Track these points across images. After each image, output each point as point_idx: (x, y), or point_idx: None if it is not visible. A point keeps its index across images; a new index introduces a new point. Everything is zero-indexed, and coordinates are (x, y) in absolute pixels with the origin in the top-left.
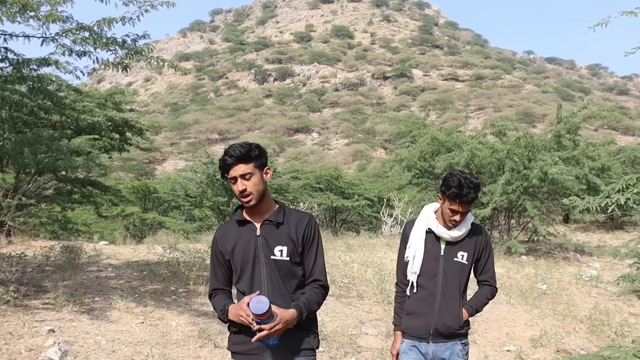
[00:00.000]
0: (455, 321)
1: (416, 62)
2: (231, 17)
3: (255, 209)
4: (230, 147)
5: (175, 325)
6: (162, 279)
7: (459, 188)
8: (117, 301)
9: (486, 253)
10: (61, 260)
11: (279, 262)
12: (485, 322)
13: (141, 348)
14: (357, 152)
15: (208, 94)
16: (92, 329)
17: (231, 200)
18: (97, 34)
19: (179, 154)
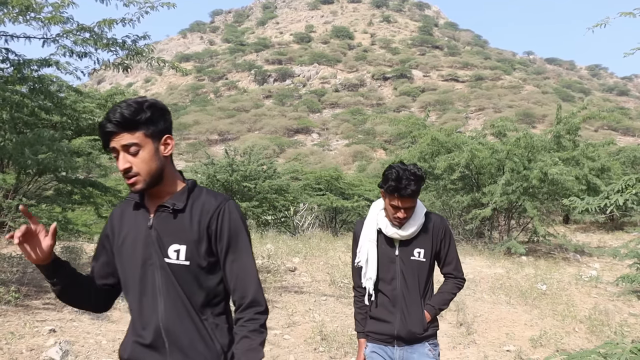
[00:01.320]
0: (418, 326)
1: (416, 63)
2: (231, 18)
3: (153, 192)
4: (113, 108)
5: None
6: None
7: (396, 181)
8: (118, 301)
9: (445, 243)
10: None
11: (175, 267)
12: (485, 322)
13: None
14: (357, 153)
15: (208, 95)
16: (93, 329)
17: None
18: (98, 35)
19: (179, 155)
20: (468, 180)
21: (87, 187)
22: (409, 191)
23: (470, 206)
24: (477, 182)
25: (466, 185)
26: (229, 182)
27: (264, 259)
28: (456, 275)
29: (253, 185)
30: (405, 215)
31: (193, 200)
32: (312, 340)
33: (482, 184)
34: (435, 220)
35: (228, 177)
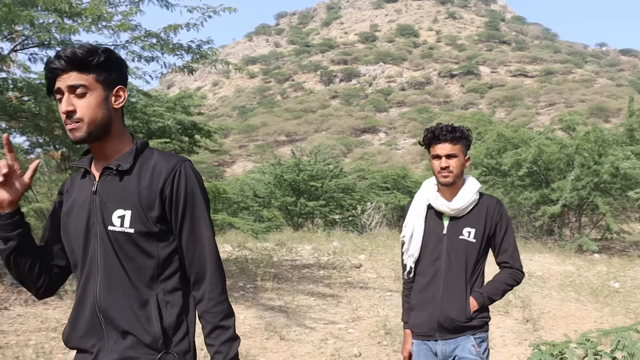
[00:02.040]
0: (460, 313)
1: (483, 59)
2: (296, 20)
3: (99, 151)
4: (65, 47)
5: (242, 319)
6: (230, 276)
7: (432, 132)
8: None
9: (501, 228)
10: None
11: (118, 235)
12: (553, 319)
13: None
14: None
15: (275, 97)
16: None
17: (299, 200)
18: (164, 40)
19: (248, 156)
20: (536, 176)
21: None
22: (447, 137)
23: (539, 203)
24: (545, 178)
25: (534, 182)
26: (296, 181)
27: (330, 255)
28: (512, 264)
29: (320, 185)
30: (448, 164)
31: (142, 161)
32: (375, 334)
33: (551, 179)
34: (491, 202)
35: (295, 177)
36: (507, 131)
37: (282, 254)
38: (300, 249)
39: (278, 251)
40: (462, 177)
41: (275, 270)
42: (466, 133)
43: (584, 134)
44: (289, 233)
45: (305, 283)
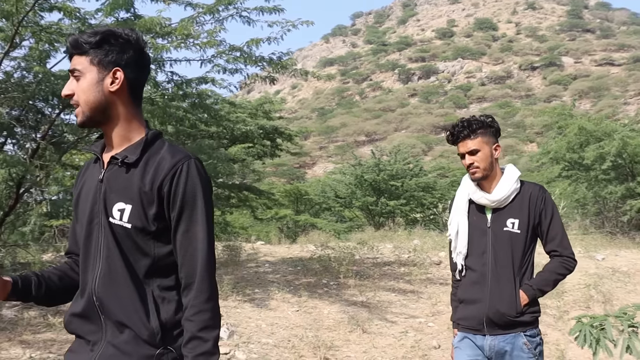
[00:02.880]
0: (510, 307)
1: (566, 49)
2: (372, 19)
3: (106, 137)
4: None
5: (327, 313)
6: (314, 273)
7: (450, 131)
8: (275, 292)
9: (546, 215)
10: (223, 257)
11: (117, 228)
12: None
13: (297, 331)
14: (507, 147)
15: (353, 97)
16: (254, 315)
17: (379, 200)
18: (247, 53)
19: (328, 157)
20: (621, 169)
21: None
22: (462, 132)
23: (625, 197)
24: (631, 171)
25: (619, 175)
26: (376, 181)
27: (410, 253)
28: (561, 252)
29: (400, 184)
30: (473, 161)
31: (150, 154)
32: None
33: (638, 172)
34: (533, 189)
35: (375, 177)
36: (588, 124)
37: (364, 252)
38: (382, 247)
39: (360, 250)
40: (495, 167)
41: (358, 267)
42: (487, 122)
43: None
44: (370, 232)
45: (387, 280)
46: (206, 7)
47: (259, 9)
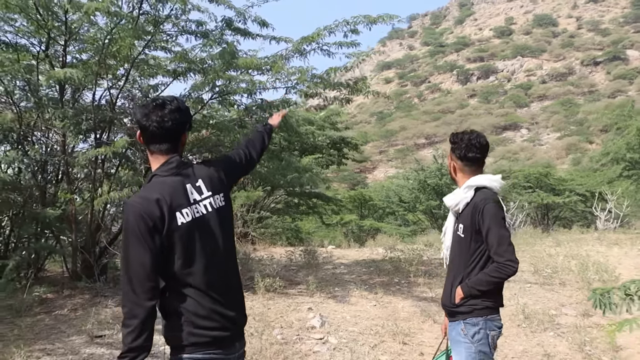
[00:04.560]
0: (447, 299)
1: (630, 42)
2: (428, 21)
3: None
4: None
5: (401, 307)
6: (386, 273)
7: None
8: (353, 290)
9: (484, 225)
10: (302, 261)
11: None
12: None
13: (377, 321)
14: (570, 146)
15: (412, 100)
16: (339, 308)
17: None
18: (326, 80)
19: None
20: None
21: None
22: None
23: None
24: None
25: None
26: (439, 185)
27: None
28: (497, 259)
29: None
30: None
31: None
32: (515, 317)
33: None
34: (479, 200)
35: (438, 181)
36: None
37: (430, 253)
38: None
39: (427, 251)
40: (457, 177)
41: (426, 267)
42: (451, 139)
43: None
44: (435, 235)
45: None
46: (294, 46)
47: (338, 44)
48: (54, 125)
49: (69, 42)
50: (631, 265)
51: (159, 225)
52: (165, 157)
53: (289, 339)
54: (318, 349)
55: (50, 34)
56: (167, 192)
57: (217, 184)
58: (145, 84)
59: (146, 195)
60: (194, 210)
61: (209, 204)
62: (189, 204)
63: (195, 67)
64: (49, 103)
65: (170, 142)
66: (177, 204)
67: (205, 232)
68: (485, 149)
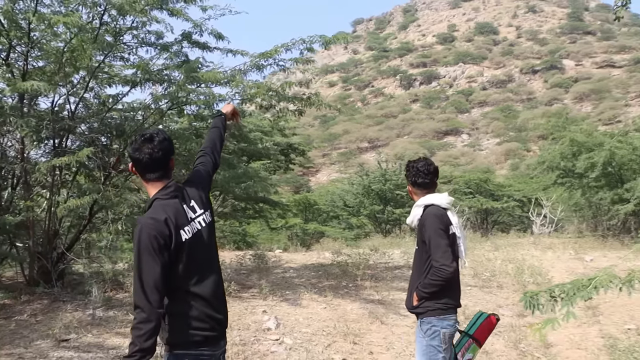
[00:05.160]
0: (409, 302)
1: (567, 52)
2: (372, 26)
3: None
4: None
5: (350, 309)
6: (335, 277)
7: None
8: (304, 293)
9: (425, 235)
10: (251, 265)
11: None
12: (612, 307)
13: (328, 323)
14: (509, 151)
15: (355, 104)
16: (291, 311)
17: (386, 208)
18: (281, 93)
19: (331, 165)
20: (611, 177)
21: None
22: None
23: (614, 202)
24: (620, 178)
25: (610, 182)
26: (382, 191)
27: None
28: (433, 264)
29: (405, 193)
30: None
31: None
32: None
33: (626, 179)
34: (422, 215)
35: (382, 187)
36: (580, 136)
37: (376, 257)
38: (391, 253)
39: (373, 255)
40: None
41: (372, 271)
42: (406, 167)
43: None
44: (379, 239)
45: (398, 281)
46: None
47: (294, 60)
48: (9, 132)
49: (31, 51)
50: (563, 268)
51: (168, 242)
52: (161, 182)
53: (247, 340)
54: (275, 349)
55: (12, 43)
56: (172, 212)
57: (205, 202)
58: (104, 93)
59: (155, 217)
60: (192, 227)
61: (202, 220)
62: (189, 222)
63: (154, 78)
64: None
65: (162, 170)
66: (180, 222)
67: (201, 245)
68: (434, 174)
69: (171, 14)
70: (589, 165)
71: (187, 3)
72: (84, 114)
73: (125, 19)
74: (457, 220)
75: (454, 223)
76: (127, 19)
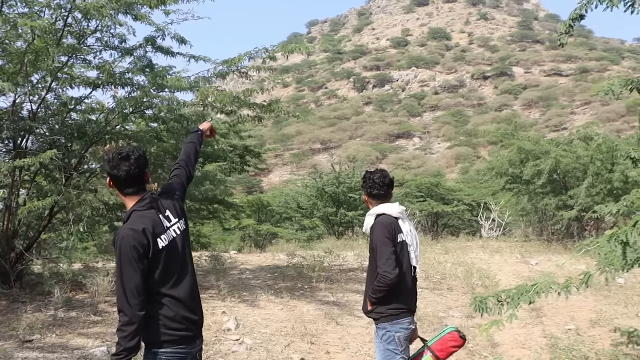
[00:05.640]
0: (364, 306)
1: (517, 60)
2: (327, 28)
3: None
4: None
5: (306, 310)
6: (290, 279)
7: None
8: (261, 295)
9: (373, 243)
10: (208, 266)
11: None
12: (555, 309)
13: (286, 324)
14: (459, 156)
15: (309, 105)
16: (250, 312)
17: (339, 211)
18: (243, 100)
19: (284, 165)
20: (556, 183)
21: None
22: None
23: (559, 208)
24: (565, 185)
25: (555, 188)
26: (336, 193)
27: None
28: (378, 271)
29: (358, 196)
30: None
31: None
32: None
33: (571, 186)
34: (375, 223)
35: (335, 190)
36: (527, 144)
37: (331, 259)
38: (345, 255)
39: (327, 258)
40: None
41: (327, 273)
42: (363, 178)
43: (597, 145)
44: (332, 241)
45: (352, 283)
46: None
47: (256, 68)
48: None
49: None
50: (509, 272)
51: (147, 250)
52: (138, 196)
53: (208, 341)
54: (236, 349)
55: None
56: (149, 223)
57: (179, 212)
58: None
59: (134, 228)
60: (169, 235)
61: (177, 228)
62: (165, 231)
63: (118, 81)
64: None
65: (138, 184)
66: (157, 232)
67: (176, 252)
68: (390, 186)
69: (136, 18)
70: (535, 173)
71: (152, 8)
72: (44, 114)
73: (90, 22)
74: (409, 229)
75: (405, 231)
76: (91, 22)
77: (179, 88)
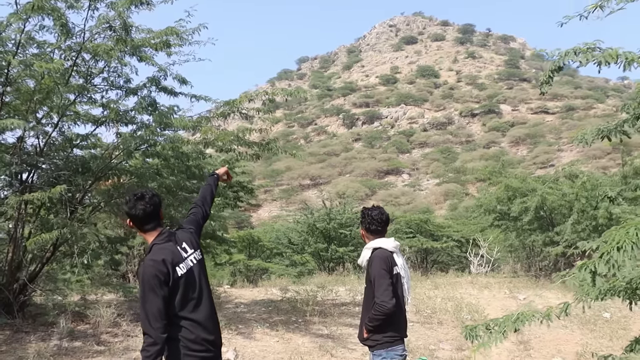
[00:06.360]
0: (360, 335)
1: (504, 97)
2: (317, 64)
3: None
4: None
5: (301, 343)
6: (284, 312)
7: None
8: (257, 327)
9: (371, 274)
10: None
11: None
12: (542, 342)
13: (282, 355)
14: (448, 192)
15: (298, 141)
16: (247, 344)
17: (330, 247)
18: (241, 138)
19: (273, 201)
20: (543, 220)
21: (207, 239)
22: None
23: (546, 244)
24: (551, 221)
25: (542, 225)
26: (327, 229)
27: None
28: (375, 300)
29: (348, 232)
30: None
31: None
32: None
33: (557, 222)
34: (372, 256)
35: (326, 225)
36: (514, 182)
37: (323, 294)
38: (337, 290)
39: (320, 292)
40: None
41: (320, 307)
42: (361, 213)
43: (581, 183)
44: (324, 277)
45: (345, 317)
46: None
47: (256, 110)
48: None
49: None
50: (498, 306)
51: (167, 278)
52: (156, 231)
53: None
54: None
55: None
56: (168, 254)
57: (194, 243)
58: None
59: (155, 258)
60: (186, 264)
61: (193, 258)
62: (183, 260)
63: (123, 119)
64: None
65: (155, 220)
66: (176, 261)
67: (193, 279)
68: (386, 223)
69: (140, 59)
70: (522, 209)
71: (156, 50)
72: (49, 150)
73: (98, 63)
74: (402, 262)
75: (399, 264)
76: (99, 63)
77: (183, 127)
